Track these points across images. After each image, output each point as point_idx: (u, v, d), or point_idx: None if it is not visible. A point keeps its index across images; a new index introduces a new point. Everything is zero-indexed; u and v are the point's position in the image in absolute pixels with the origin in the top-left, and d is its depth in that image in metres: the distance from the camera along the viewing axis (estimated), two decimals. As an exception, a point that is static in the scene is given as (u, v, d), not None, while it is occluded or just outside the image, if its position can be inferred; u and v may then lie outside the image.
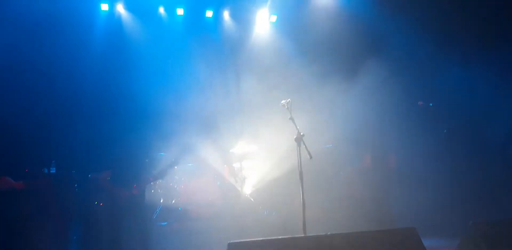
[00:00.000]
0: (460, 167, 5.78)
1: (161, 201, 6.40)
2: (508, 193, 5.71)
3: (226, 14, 8.00)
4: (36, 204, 4.57)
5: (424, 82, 6.57)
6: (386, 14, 6.74)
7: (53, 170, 5.77)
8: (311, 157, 4.19)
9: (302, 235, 3.82)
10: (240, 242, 3.49)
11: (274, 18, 8.08)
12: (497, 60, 6.04)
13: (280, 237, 3.71)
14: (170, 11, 7.72)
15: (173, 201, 6.34)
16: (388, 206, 5.52)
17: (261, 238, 4.13)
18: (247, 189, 6.22)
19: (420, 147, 5.90)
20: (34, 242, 4.43)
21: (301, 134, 4.23)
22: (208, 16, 7.91)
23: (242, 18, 8.02)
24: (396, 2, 6.76)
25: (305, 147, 4.20)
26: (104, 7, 7.35)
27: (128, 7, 7.52)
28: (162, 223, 6.12)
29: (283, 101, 4.41)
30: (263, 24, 8.08)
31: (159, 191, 6.50)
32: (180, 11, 7.69)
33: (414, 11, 6.75)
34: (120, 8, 7.49)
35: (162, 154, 6.66)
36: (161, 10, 7.69)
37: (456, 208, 5.50)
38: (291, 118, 4.32)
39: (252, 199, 6.14)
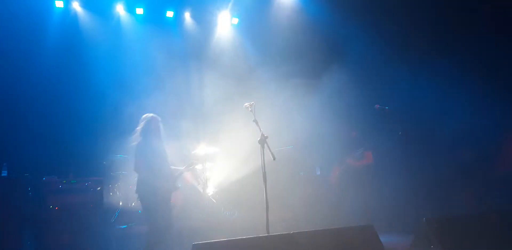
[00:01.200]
0: (414, 166, 6.08)
1: (120, 204, 6.25)
2: (458, 191, 6.07)
3: (187, 15, 7.96)
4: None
5: (380, 86, 6.85)
6: (345, 18, 6.97)
7: (4, 173, 5.50)
8: (274, 158, 4.27)
9: (266, 234, 3.87)
10: (205, 243, 3.50)
11: (235, 20, 8.14)
12: (448, 64, 6.39)
13: (244, 237, 3.75)
14: (130, 10, 7.59)
15: (133, 204, 6.21)
16: (346, 204, 5.71)
17: (225, 239, 4.17)
18: (210, 190, 6.22)
19: (376, 148, 6.15)
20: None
21: (265, 135, 4.30)
22: (169, 16, 7.85)
23: (204, 20, 8.01)
24: (355, 7, 6.99)
25: (269, 148, 4.27)
26: (59, 4, 7.11)
27: (84, 4, 7.32)
28: (122, 226, 5.98)
29: (246, 104, 4.47)
30: (225, 26, 8.12)
31: (117, 194, 6.35)
32: (139, 11, 7.58)
33: (372, 16, 7.02)
34: (76, 6, 7.28)
35: (120, 156, 6.52)
36: (120, 8, 7.53)
37: (410, 205, 5.76)
38: (255, 121, 4.38)
39: (214, 200, 6.14)
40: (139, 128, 4.73)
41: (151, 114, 4.78)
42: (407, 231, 5.10)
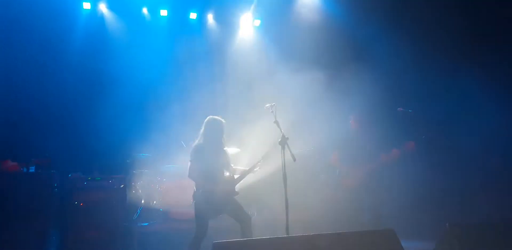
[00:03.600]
0: (437, 170, 5.99)
1: (142, 201, 6.37)
2: (483, 197, 5.94)
3: (210, 17, 8.05)
4: (16, 203, 4.48)
5: (404, 89, 6.78)
6: (369, 19, 6.92)
7: (32, 169, 5.69)
8: (294, 160, 4.28)
9: (286, 235, 3.89)
10: (225, 242, 3.53)
11: (258, 22, 8.18)
12: (478, 67, 6.28)
13: (264, 237, 3.78)
14: (154, 12, 7.72)
15: (154, 202, 6.32)
16: (367, 208, 5.66)
17: (245, 239, 4.22)
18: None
19: (399, 152, 6.08)
20: (13, 242, 4.33)
21: (286, 137, 4.32)
22: (192, 18, 7.95)
23: (226, 22, 8.09)
24: (380, 9, 6.94)
25: (289, 149, 4.29)
26: (86, 6, 7.30)
27: (111, 6, 7.49)
28: (144, 224, 6.10)
29: (267, 105, 4.49)
30: (247, 28, 8.17)
31: (140, 191, 6.47)
32: (163, 13, 7.70)
33: (397, 18, 6.96)
34: (102, 7, 7.46)
35: (143, 154, 6.65)
36: (145, 10, 7.67)
37: (433, 210, 5.69)
38: (276, 122, 4.40)
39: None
40: (201, 130, 4.74)
41: (214, 117, 4.76)
42: (429, 237, 5.02)
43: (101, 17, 7.47)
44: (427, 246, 4.72)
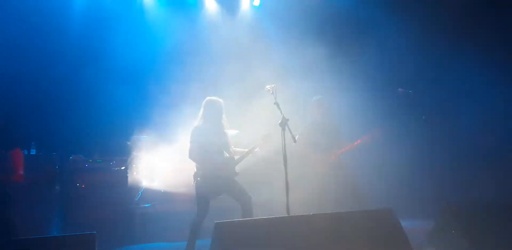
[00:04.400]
0: (437, 150, 6.02)
1: (143, 183, 6.42)
2: (480, 175, 5.99)
3: (208, -3, 7.92)
4: (17, 185, 4.51)
5: (406, 69, 6.73)
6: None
7: (33, 152, 5.72)
8: (295, 141, 4.30)
9: (286, 215, 3.93)
10: (227, 222, 3.58)
11: (257, 2, 8.05)
12: (479, 47, 6.23)
13: (264, 217, 3.83)
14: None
15: (156, 183, 6.38)
16: (366, 188, 5.71)
17: (246, 218, 4.27)
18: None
19: (398, 131, 6.10)
20: (15, 223, 4.38)
21: (286, 118, 4.31)
22: (190, -3, 7.83)
23: (225, 1, 7.96)
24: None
25: (290, 131, 4.29)
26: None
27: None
28: (145, 205, 6.17)
29: (267, 87, 4.47)
30: (247, 8, 8.04)
31: (141, 173, 6.51)
32: (160, -9, 7.58)
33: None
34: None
35: (144, 136, 6.67)
36: (142, -10, 7.54)
37: (431, 189, 5.74)
38: (276, 103, 4.39)
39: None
40: (200, 111, 4.73)
41: (213, 97, 4.76)
42: (428, 216, 5.09)
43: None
44: (426, 224, 4.77)
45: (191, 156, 4.60)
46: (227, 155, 4.79)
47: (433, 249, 4.32)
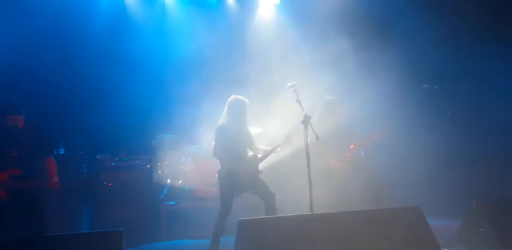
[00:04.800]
0: (464, 147, 5.87)
1: (168, 181, 6.51)
2: (509, 172, 5.80)
3: (229, -5, 7.95)
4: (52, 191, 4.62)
5: (431, 65, 6.59)
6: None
7: (61, 151, 5.87)
8: (317, 138, 4.27)
9: (310, 213, 3.91)
10: (251, 219, 3.59)
11: (277, 0, 8.03)
12: (504, 44, 6.05)
13: (288, 214, 3.82)
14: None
15: (180, 181, 6.46)
16: (393, 186, 5.62)
17: (270, 216, 4.27)
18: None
19: (425, 128, 5.97)
20: (44, 222, 4.50)
21: (308, 116, 4.29)
22: (211, -3, 7.88)
23: (245, 0, 7.97)
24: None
25: (312, 128, 4.27)
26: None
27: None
28: (170, 203, 6.25)
29: (289, 84, 4.46)
30: (267, 6, 8.03)
31: (165, 171, 6.60)
32: (183, -8, 7.65)
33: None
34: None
35: (168, 135, 6.76)
36: (164, -10, 7.63)
37: (459, 188, 5.60)
38: (298, 101, 4.37)
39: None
40: (224, 110, 4.78)
41: (238, 96, 4.81)
42: (456, 214, 4.97)
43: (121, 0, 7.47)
44: (454, 223, 4.66)
45: (215, 154, 4.65)
46: (251, 153, 4.81)
47: (461, 248, 4.21)
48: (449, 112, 5.49)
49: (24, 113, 4.21)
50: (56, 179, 4.23)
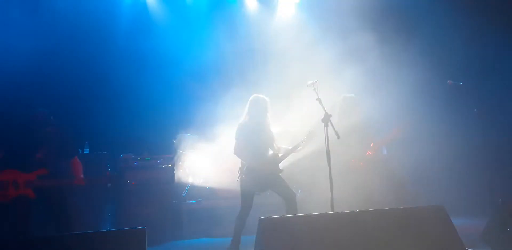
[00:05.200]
0: (490, 145, 5.71)
1: (190, 180, 6.57)
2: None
3: (249, -4, 7.96)
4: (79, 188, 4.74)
5: (455, 61, 6.45)
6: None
7: (86, 151, 6.01)
8: (338, 137, 4.22)
9: (331, 212, 3.88)
10: (271, 218, 3.59)
11: (298, -2, 7.99)
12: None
13: (309, 213, 3.80)
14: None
15: (201, 180, 6.52)
16: (416, 184, 5.53)
17: (290, 215, 4.26)
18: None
19: (450, 125, 5.84)
20: (71, 219, 4.63)
21: (329, 114, 4.26)
22: (232, -3, 7.90)
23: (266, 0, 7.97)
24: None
25: (333, 127, 4.23)
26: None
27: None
28: (191, 201, 6.32)
29: (309, 82, 4.43)
30: (288, 5, 8.01)
31: (187, 170, 6.67)
32: (204, -7, 7.70)
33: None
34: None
35: (189, 135, 6.83)
36: (186, -8, 7.71)
37: (485, 186, 5.45)
38: (318, 99, 4.34)
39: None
40: (246, 109, 4.81)
41: (258, 95, 4.82)
42: (481, 214, 4.85)
43: (144, 2, 7.58)
44: (479, 223, 4.55)
45: (236, 152, 4.67)
46: (272, 152, 4.81)
47: (487, 248, 4.11)
48: (475, 109, 5.35)
49: (52, 120, 4.43)
50: (82, 176, 4.35)
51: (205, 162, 6.69)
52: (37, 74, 6.31)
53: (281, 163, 4.80)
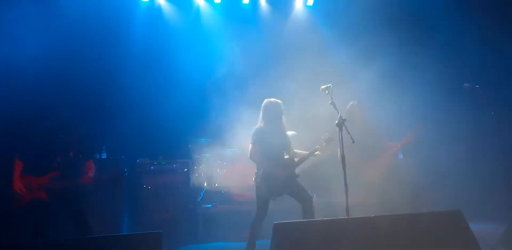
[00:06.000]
0: (508, 148, 5.60)
1: (205, 184, 6.61)
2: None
3: (262, 0, 8.00)
4: (90, 187, 4.83)
5: (471, 64, 6.37)
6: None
7: (104, 155, 6.11)
8: (353, 141, 4.21)
9: (346, 217, 3.87)
10: (286, 222, 3.59)
11: (311, 1, 8.00)
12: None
13: (324, 218, 3.79)
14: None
15: (216, 185, 6.55)
16: (432, 189, 5.47)
17: (305, 220, 4.26)
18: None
19: (467, 129, 5.75)
20: (88, 224, 4.71)
21: (343, 118, 4.25)
22: (245, 3, 7.94)
23: (279, 4, 7.99)
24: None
25: (347, 131, 4.22)
26: (145, -1, 7.54)
27: (167, -3, 7.68)
28: (207, 206, 6.35)
29: (323, 87, 4.44)
30: (300, 9, 8.03)
31: (202, 175, 6.71)
32: (217, 0, 7.76)
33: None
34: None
35: (204, 139, 6.88)
36: (200, -1, 7.79)
37: (503, 191, 5.35)
38: (332, 103, 4.35)
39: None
40: (260, 114, 4.83)
41: (271, 99, 4.84)
42: (499, 219, 4.76)
43: (159, 9, 7.67)
44: (497, 228, 4.47)
45: (252, 157, 4.68)
46: (288, 156, 4.81)
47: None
48: (492, 113, 5.27)
49: (77, 125, 4.63)
50: (91, 175, 4.47)
51: (220, 166, 6.74)
52: (55, 80, 6.42)
53: (298, 167, 4.80)
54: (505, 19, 6.44)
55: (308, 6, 8.02)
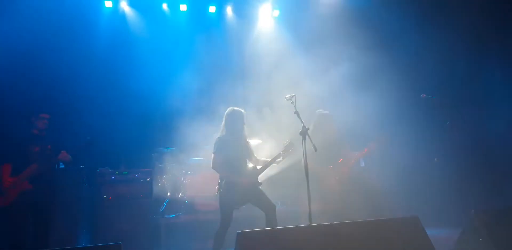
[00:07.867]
0: (462, 156, 5.88)
1: (168, 194, 6.51)
2: (509, 183, 5.81)
3: (229, 10, 8.06)
4: (47, 197, 4.67)
5: (426, 75, 6.66)
6: (390, 5, 6.79)
7: (61, 165, 5.89)
8: (316, 150, 4.28)
9: (309, 225, 3.91)
10: (249, 231, 3.58)
11: (276, 12, 8.14)
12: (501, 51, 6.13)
13: (287, 226, 3.82)
14: (174, 7, 7.79)
15: (180, 194, 6.46)
16: (391, 196, 5.62)
17: (268, 228, 4.26)
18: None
19: (423, 138, 5.98)
20: (45, 235, 4.55)
21: (306, 127, 4.32)
22: (211, 11, 7.98)
23: (245, 14, 8.08)
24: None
25: (310, 140, 4.29)
26: (108, 4, 7.43)
27: (132, 3, 7.59)
28: (170, 216, 6.25)
29: (287, 96, 4.50)
30: (266, 19, 8.16)
31: (166, 184, 6.62)
32: (183, 7, 7.76)
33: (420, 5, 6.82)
34: (124, 5, 7.57)
35: (168, 148, 6.79)
36: (165, 6, 7.76)
37: (457, 197, 5.59)
38: (296, 113, 4.41)
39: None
40: (222, 122, 4.80)
41: (234, 108, 4.82)
42: (454, 224, 4.96)
43: (123, 15, 7.59)
44: (453, 233, 4.64)
45: (215, 167, 4.66)
46: (251, 165, 4.82)
47: (460, 258, 4.19)
48: (447, 122, 5.52)
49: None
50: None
51: (184, 175, 6.66)
52: (5, 82, 6.19)
53: (260, 175, 4.82)
54: (461, 30, 6.76)
55: (274, 17, 8.16)
